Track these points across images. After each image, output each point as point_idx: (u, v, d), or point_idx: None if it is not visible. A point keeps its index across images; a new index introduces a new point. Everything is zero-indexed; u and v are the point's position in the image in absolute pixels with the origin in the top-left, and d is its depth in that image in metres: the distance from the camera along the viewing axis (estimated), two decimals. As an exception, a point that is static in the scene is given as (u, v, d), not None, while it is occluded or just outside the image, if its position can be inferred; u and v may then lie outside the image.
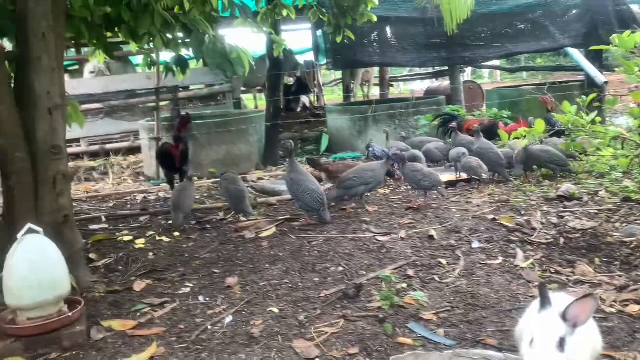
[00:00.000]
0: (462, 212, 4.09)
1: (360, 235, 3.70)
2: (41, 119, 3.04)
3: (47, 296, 2.38)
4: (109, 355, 2.30)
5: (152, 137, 6.53)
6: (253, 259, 3.40)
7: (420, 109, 7.22)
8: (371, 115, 7.21)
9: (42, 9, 3.01)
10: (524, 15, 8.04)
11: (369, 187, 4.35)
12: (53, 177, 3.07)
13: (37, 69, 3.02)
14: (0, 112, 2.90)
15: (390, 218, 4.07)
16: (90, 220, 4.58)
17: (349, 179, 4.29)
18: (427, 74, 13.38)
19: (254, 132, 6.89)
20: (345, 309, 2.58)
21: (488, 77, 21.33)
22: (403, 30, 7.81)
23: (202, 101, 9.23)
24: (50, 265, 2.40)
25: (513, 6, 7.72)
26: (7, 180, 3.04)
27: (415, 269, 3.05)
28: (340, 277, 2.98)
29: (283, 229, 3.98)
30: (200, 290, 2.97)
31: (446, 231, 3.69)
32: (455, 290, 2.75)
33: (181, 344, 2.35)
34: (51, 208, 3.08)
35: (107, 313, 2.74)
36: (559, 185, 4.59)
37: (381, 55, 7.83)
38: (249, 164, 6.83)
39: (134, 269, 3.39)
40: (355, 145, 7.26)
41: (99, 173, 6.91)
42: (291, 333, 2.38)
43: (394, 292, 2.56)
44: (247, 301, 2.75)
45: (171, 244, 3.86)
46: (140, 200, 5.43)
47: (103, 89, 8.29)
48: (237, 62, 3.30)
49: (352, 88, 11.91)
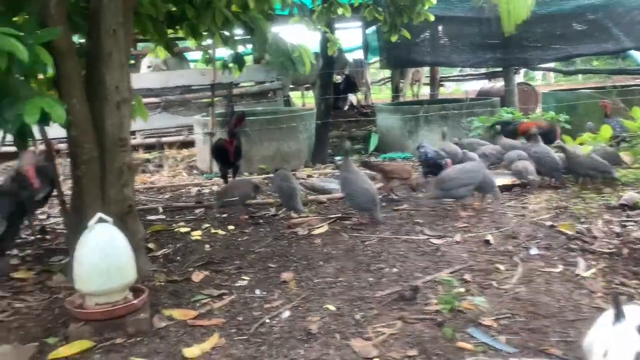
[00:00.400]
0: (519, 218, 4.00)
1: (413, 237, 3.67)
2: (110, 113, 3.16)
3: (115, 283, 2.47)
4: (172, 343, 2.37)
5: (206, 132, 6.67)
6: (307, 255, 3.43)
7: (474, 110, 7.09)
8: (422, 116, 7.14)
9: (114, 5, 3.12)
10: (585, 16, 7.78)
11: (468, 189, 4.18)
12: (119, 168, 3.19)
13: (107, 64, 3.13)
14: (73, 105, 3.02)
15: (444, 221, 4.02)
16: (148, 211, 4.72)
17: (450, 179, 4.14)
18: (480, 74, 13.13)
19: (304, 130, 6.94)
20: (402, 311, 2.57)
21: (541, 78, 20.72)
22: (458, 29, 7.69)
23: (253, 98, 9.35)
24: (119, 253, 2.49)
25: (574, 7, 7.48)
26: (76, 170, 3.17)
27: (472, 274, 3.00)
28: (395, 279, 2.98)
29: (335, 227, 4.00)
30: (257, 283, 3.02)
31: (502, 236, 3.62)
32: (514, 297, 2.70)
33: (241, 336, 2.40)
34: (116, 198, 3.20)
35: (168, 302, 2.82)
36: (620, 193, 4.42)
37: (435, 55, 7.74)
38: (297, 161, 6.88)
39: (191, 260, 3.48)
40: (405, 145, 7.20)
41: (154, 165, 7.11)
42: (348, 331, 2.40)
43: (452, 296, 2.53)
44: (303, 297, 2.78)
45: (226, 237, 3.94)
46: (195, 193, 5.56)
47: (161, 84, 8.52)
48: (299, 60, 3.34)
49: (401, 87, 11.81)
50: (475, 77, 13.81)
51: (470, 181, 4.14)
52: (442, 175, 4.23)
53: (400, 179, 4.70)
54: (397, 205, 4.53)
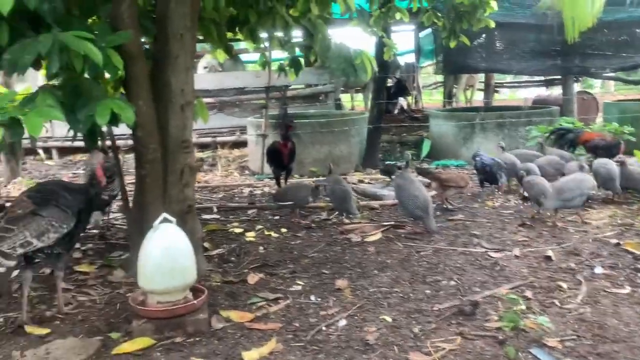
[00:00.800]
0: (581, 233, 3.86)
1: (471, 249, 3.59)
2: (174, 114, 3.23)
3: (177, 283, 2.52)
4: (230, 346, 2.40)
5: (259, 133, 6.74)
6: (361, 263, 3.41)
7: (532, 119, 6.88)
8: (478, 123, 6.99)
9: (182, 11, 3.19)
10: (655, 24, 7.43)
11: (583, 199, 4.12)
12: (181, 169, 3.26)
13: (174, 67, 3.21)
14: (140, 107, 3.10)
15: (502, 233, 3.92)
16: (203, 210, 4.81)
17: (569, 189, 4.06)
18: (537, 81, 12.76)
19: (356, 134, 6.91)
20: (461, 326, 2.51)
21: (600, 87, 19.94)
22: (518, 36, 7.51)
23: (305, 101, 9.40)
24: (182, 254, 2.54)
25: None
26: (140, 169, 3.27)
27: (533, 291, 2.91)
28: (453, 292, 2.92)
29: (389, 235, 3.96)
30: (311, 289, 3.02)
31: (564, 252, 3.49)
32: (579, 318, 2.60)
33: (298, 342, 2.41)
34: (177, 197, 3.27)
35: (225, 303, 2.86)
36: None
37: (493, 61, 7.57)
38: (348, 164, 6.86)
39: (246, 261, 3.52)
40: (458, 152, 7.07)
41: (207, 164, 7.25)
42: (406, 344, 2.36)
43: (516, 313, 2.46)
44: (358, 306, 2.76)
45: (279, 240, 3.96)
46: (247, 194, 5.63)
47: (217, 85, 8.70)
48: (361, 67, 3.32)
49: (454, 92, 11.62)
50: (531, 84, 13.43)
51: (587, 191, 4.10)
52: (561, 185, 4.14)
53: (457, 187, 4.61)
54: (452, 215, 4.44)
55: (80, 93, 2.71)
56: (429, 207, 3.93)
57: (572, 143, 5.95)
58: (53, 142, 8.28)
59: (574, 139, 6.01)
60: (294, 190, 4.51)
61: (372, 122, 7.11)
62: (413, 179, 4.22)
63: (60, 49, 2.41)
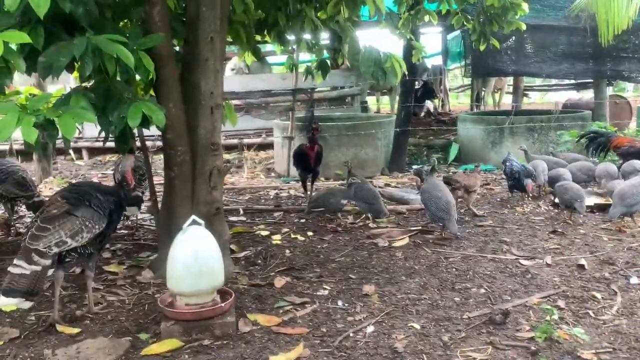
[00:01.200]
0: (615, 242, 3.75)
1: (500, 256, 3.53)
2: (203, 117, 3.25)
3: (205, 285, 2.53)
4: (257, 350, 2.39)
5: (286, 135, 6.75)
6: (388, 268, 3.38)
7: (563, 123, 6.74)
8: (507, 127, 6.87)
9: (212, 14, 3.21)
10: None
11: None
12: (209, 172, 3.28)
13: (204, 70, 3.23)
14: (170, 109, 3.12)
15: (532, 240, 3.84)
16: (230, 212, 4.83)
17: (632, 195, 3.95)
18: (567, 84, 12.51)
19: (383, 137, 6.87)
20: (492, 335, 2.46)
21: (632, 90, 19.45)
22: (549, 38, 7.37)
23: (331, 103, 9.39)
24: (210, 256, 2.55)
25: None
26: (169, 170, 3.30)
27: (566, 300, 2.84)
28: (482, 300, 2.86)
29: (416, 241, 3.91)
30: (338, 294, 3.00)
31: (598, 261, 3.40)
32: (614, 330, 2.52)
33: (325, 348, 2.39)
34: (205, 199, 3.29)
35: (252, 306, 2.86)
36: None
37: (523, 65, 7.44)
38: (374, 168, 6.82)
39: (273, 264, 3.51)
40: (487, 157, 6.96)
41: (234, 166, 7.29)
42: (435, 353, 2.32)
43: (550, 323, 2.39)
44: (386, 312, 2.73)
45: (306, 243, 3.95)
46: (273, 196, 5.64)
47: (244, 87, 8.75)
48: (391, 71, 3.29)
49: (482, 95, 11.46)
50: (562, 88, 13.17)
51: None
52: (624, 191, 4.02)
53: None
54: (481, 221, 4.37)
55: (112, 95, 2.75)
56: (451, 209, 3.88)
57: (602, 147, 5.79)
58: (83, 142, 8.43)
59: (605, 143, 5.84)
60: (327, 196, 4.46)
61: (400, 125, 7.05)
62: (437, 182, 4.17)
63: (94, 52, 2.45)
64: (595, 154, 5.73)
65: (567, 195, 4.18)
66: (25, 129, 2.25)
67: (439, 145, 8.49)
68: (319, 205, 4.38)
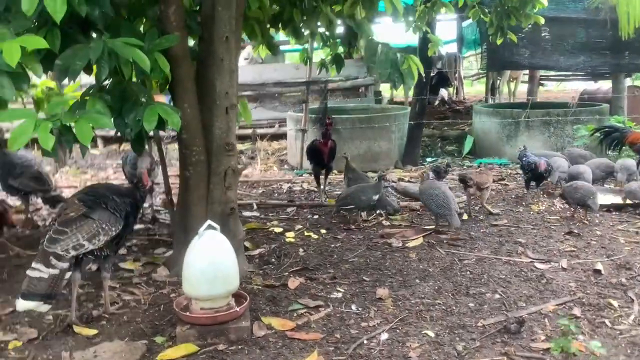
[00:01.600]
0: (633, 245, 3.71)
1: (515, 258, 3.50)
2: (219, 117, 3.24)
3: (220, 290, 2.54)
4: (271, 356, 2.40)
5: (299, 128, 6.73)
6: (402, 270, 3.37)
7: (580, 117, 6.64)
8: (523, 120, 6.78)
9: (228, 14, 3.18)
10: None
11: None
12: (224, 172, 3.28)
13: (219, 69, 3.21)
14: (185, 110, 3.13)
15: (548, 242, 3.80)
16: (243, 206, 4.84)
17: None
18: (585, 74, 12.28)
19: (397, 129, 6.81)
20: (506, 345, 2.45)
21: (651, 80, 19.06)
22: (567, 31, 7.21)
23: (345, 93, 9.32)
24: (225, 261, 2.56)
25: None
26: (185, 170, 3.31)
27: (582, 308, 2.81)
28: (497, 306, 2.85)
29: (430, 241, 3.89)
30: (352, 297, 3.00)
31: (614, 265, 3.37)
32: (631, 341, 2.50)
33: (339, 356, 2.39)
34: (220, 199, 3.30)
35: (266, 308, 2.87)
36: None
37: (540, 58, 7.31)
38: (387, 161, 6.78)
39: (287, 263, 3.52)
40: (502, 150, 6.88)
41: (247, 157, 7.29)
42: (450, 363, 2.33)
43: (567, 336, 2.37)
44: (400, 318, 2.73)
45: (319, 242, 3.95)
46: (286, 190, 5.64)
47: (257, 77, 8.70)
48: (408, 73, 3.25)
49: (497, 85, 11.31)
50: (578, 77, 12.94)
51: None
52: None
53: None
54: (496, 219, 4.34)
55: (127, 97, 2.75)
56: (450, 203, 3.90)
57: (617, 142, 5.68)
58: (98, 131, 8.46)
59: (620, 138, 5.72)
60: (358, 193, 4.26)
61: (414, 118, 6.98)
62: (434, 181, 4.13)
63: (110, 55, 2.45)
64: (610, 149, 5.64)
65: (578, 194, 4.12)
66: (42, 135, 2.26)
67: (453, 136, 8.42)
68: (348, 203, 4.23)
